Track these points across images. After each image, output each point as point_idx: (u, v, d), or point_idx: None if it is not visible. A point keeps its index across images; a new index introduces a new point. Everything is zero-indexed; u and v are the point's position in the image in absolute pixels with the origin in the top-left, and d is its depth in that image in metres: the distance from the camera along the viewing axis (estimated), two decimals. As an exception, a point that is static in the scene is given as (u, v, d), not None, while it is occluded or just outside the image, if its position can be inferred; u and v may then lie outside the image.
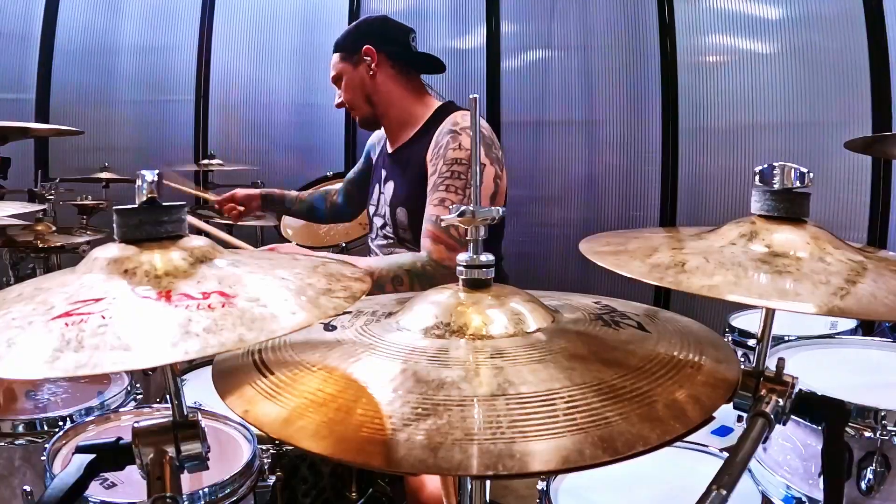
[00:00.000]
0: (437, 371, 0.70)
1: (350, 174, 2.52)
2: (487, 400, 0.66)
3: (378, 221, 2.19)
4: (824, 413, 0.86)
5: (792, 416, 0.84)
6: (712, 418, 0.68)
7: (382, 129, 2.25)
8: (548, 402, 0.65)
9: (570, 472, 1.30)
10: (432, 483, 1.62)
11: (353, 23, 2.27)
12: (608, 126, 3.97)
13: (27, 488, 1.24)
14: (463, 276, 0.85)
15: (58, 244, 2.66)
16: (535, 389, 0.67)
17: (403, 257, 1.91)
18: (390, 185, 2.13)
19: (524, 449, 0.60)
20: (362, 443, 0.63)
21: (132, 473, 0.76)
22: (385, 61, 2.09)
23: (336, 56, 2.15)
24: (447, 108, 2.08)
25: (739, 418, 1.64)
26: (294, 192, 2.69)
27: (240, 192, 2.57)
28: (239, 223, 3.46)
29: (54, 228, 2.75)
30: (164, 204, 0.77)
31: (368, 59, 2.08)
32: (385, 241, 2.15)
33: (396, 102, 2.12)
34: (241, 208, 2.56)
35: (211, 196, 2.67)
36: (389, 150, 2.20)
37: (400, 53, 2.11)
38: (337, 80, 2.16)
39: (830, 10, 3.39)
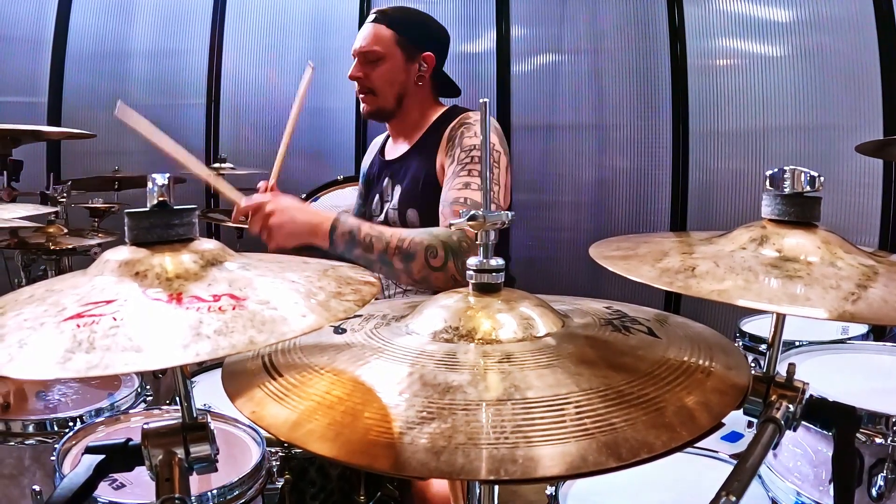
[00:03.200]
0: (444, 375, 0.70)
1: (357, 210, 2.34)
2: (493, 404, 0.66)
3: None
4: (835, 419, 0.85)
5: (802, 422, 0.83)
6: (722, 424, 0.68)
7: (388, 130, 2.24)
8: (554, 408, 0.65)
9: (575, 478, 1.30)
10: (437, 485, 1.62)
11: (417, 12, 2.14)
12: (618, 130, 3.96)
13: (37, 488, 1.24)
14: (473, 281, 0.85)
15: (69, 246, 2.67)
16: (542, 394, 0.67)
17: (439, 230, 1.78)
18: (398, 189, 2.11)
19: (528, 454, 0.60)
20: (368, 446, 0.63)
21: (141, 474, 0.76)
22: (432, 72, 2.09)
23: (389, 34, 2.01)
24: (455, 110, 2.09)
25: (749, 424, 1.63)
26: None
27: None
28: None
29: (66, 231, 2.76)
30: (174, 207, 0.78)
31: (426, 66, 2.05)
32: None
33: (418, 108, 2.11)
34: None
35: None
36: (391, 157, 2.18)
37: (440, 66, 2.12)
38: (371, 55, 2.02)
39: (841, 13, 3.37)
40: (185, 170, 1.75)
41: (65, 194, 2.84)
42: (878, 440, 1.23)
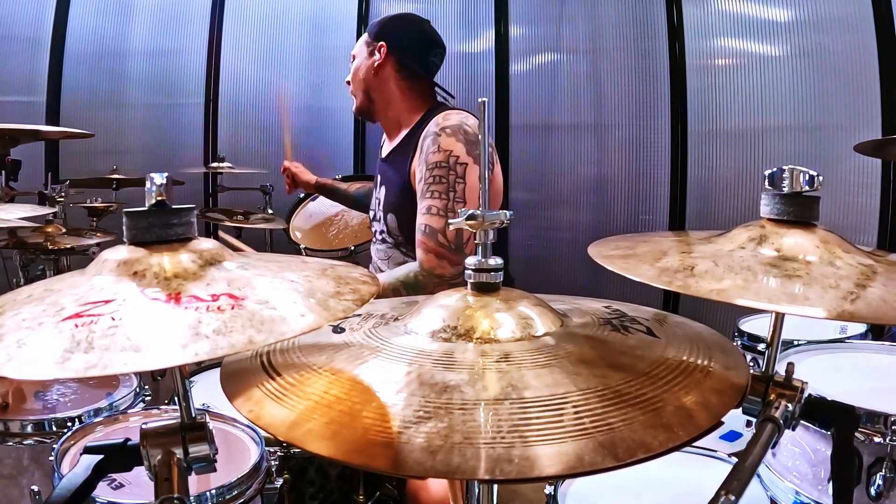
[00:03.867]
0: (442, 374, 0.70)
1: None
2: (491, 404, 0.66)
3: (377, 226, 2.19)
4: (834, 418, 0.85)
5: (801, 421, 0.83)
6: (721, 423, 0.68)
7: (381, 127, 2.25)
8: (552, 407, 0.65)
9: (572, 477, 1.30)
10: (433, 486, 1.62)
11: (398, 14, 2.29)
12: (617, 129, 3.96)
13: (35, 488, 1.24)
14: (471, 280, 0.85)
15: (68, 246, 2.67)
16: (540, 394, 0.67)
17: (401, 270, 1.96)
18: (383, 191, 2.14)
19: (524, 453, 0.60)
20: (366, 445, 0.63)
21: (140, 474, 0.76)
22: (392, 64, 2.10)
23: (364, 36, 2.19)
24: (434, 111, 2.06)
25: (748, 423, 1.63)
26: (344, 185, 2.85)
27: (301, 173, 2.82)
28: (247, 226, 3.48)
29: (64, 230, 2.76)
30: (173, 206, 0.78)
31: (378, 56, 2.10)
32: (384, 245, 2.15)
33: (394, 104, 2.13)
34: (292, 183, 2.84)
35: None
36: (383, 155, 2.21)
37: (409, 64, 2.10)
38: (351, 60, 2.20)
39: (840, 13, 3.37)
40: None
41: (62, 194, 2.84)
42: (876, 439, 1.23)
